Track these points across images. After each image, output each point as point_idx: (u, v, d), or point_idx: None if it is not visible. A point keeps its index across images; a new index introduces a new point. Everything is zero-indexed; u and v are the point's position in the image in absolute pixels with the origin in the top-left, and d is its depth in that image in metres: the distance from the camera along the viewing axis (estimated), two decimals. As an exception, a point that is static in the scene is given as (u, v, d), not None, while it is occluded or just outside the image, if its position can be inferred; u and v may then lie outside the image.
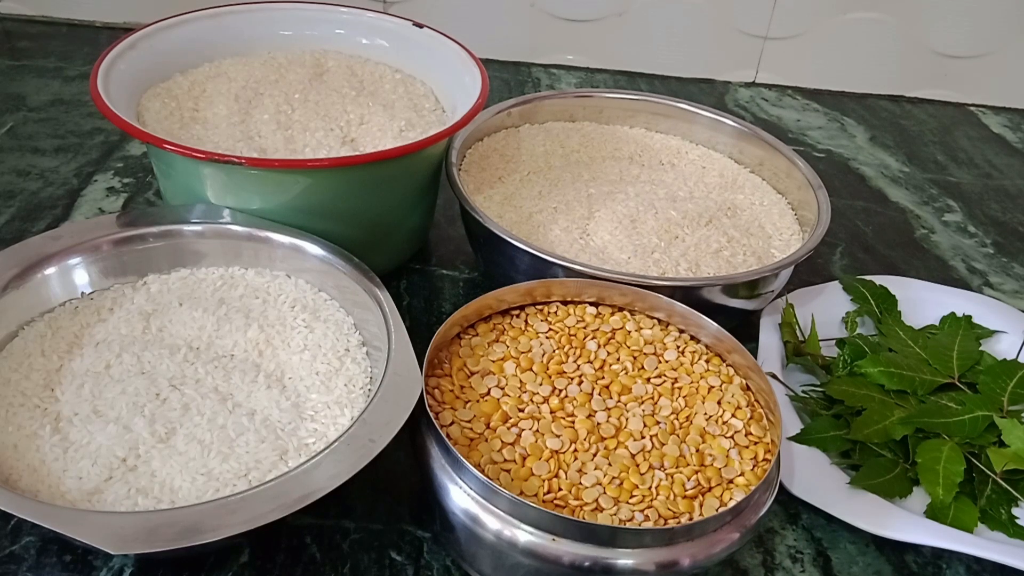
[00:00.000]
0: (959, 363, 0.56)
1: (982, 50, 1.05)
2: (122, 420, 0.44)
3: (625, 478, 0.42)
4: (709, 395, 0.47)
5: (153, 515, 0.38)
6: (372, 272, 0.53)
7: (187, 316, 0.51)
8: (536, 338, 0.49)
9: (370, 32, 0.71)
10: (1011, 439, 0.51)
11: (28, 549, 0.44)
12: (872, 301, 0.63)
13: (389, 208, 0.59)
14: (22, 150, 0.77)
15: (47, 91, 0.87)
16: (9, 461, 0.42)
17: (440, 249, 0.70)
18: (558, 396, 0.46)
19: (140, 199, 0.73)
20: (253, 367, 0.49)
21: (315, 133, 0.59)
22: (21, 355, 0.48)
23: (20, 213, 0.69)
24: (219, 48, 0.67)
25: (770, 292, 0.60)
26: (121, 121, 0.53)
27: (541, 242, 0.60)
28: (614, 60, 1.06)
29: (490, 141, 0.71)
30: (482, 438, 0.43)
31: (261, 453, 0.44)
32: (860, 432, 0.52)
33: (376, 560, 0.46)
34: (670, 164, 0.74)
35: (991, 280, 0.76)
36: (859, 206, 0.85)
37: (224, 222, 0.55)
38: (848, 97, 1.08)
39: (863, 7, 1.02)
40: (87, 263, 0.53)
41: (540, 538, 0.39)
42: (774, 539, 0.50)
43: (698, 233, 0.62)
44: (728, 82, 1.08)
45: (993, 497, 0.50)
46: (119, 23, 1.02)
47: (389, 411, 0.42)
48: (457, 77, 0.65)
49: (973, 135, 1.02)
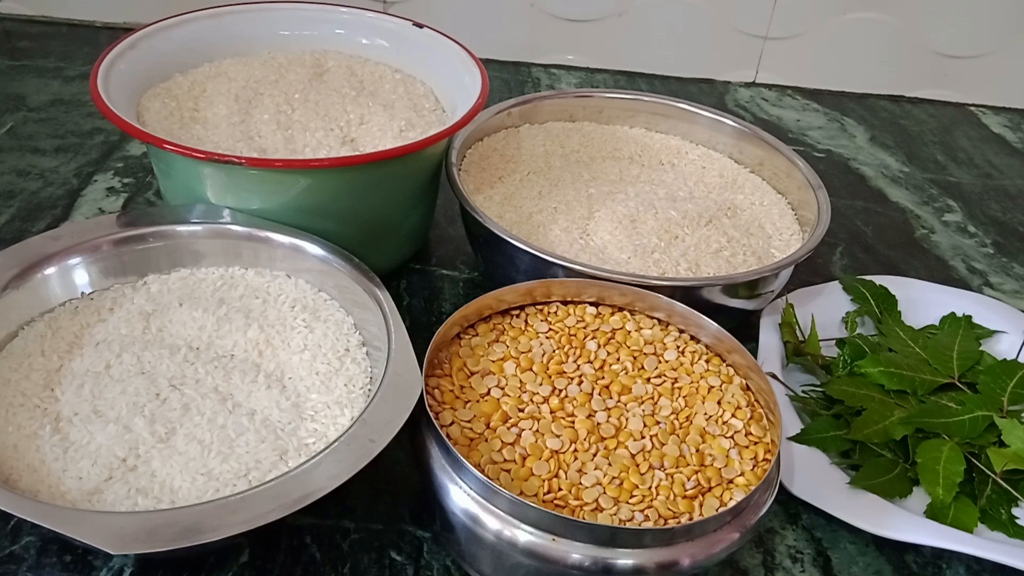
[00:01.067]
0: (959, 363, 0.56)
1: (982, 50, 1.05)
2: (122, 420, 0.44)
3: (625, 478, 0.42)
4: (709, 395, 0.47)
5: (153, 515, 0.38)
6: (372, 272, 0.53)
7: (187, 316, 0.51)
8: (536, 338, 0.49)
9: (370, 32, 0.71)
10: (1011, 439, 0.51)
11: (28, 549, 0.44)
12: (872, 301, 0.63)
13: (389, 208, 0.59)
14: (22, 150, 0.77)
15: (47, 91, 0.87)
16: (9, 461, 0.42)
17: (440, 249, 0.70)
18: (558, 396, 0.46)
19: (140, 199, 0.73)
20: (253, 367, 0.49)
21: (315, 133, 0.59)
22: (21, 355, 0.48)
23: (20, 213, 0.69)
24: (219, 48, 0.67)
25: (770, 292, 0.60)
26: (121, 121, 0.53)
27: (541, 242, 0.60)
28: (614, 60, 1.06)
29: (490, 141, 0.71)
30: (482, 438, 0.43)
31: (261, 453, 0.44)
32: (860, 432, 0.52)
33: (376, 560, 0.46)
34: (670, 164, 0.74)
35: (991, 280, 0.76)
36: (859, 206, 0.85)
37: (224, 222, 0.55)
38: (848, 97, 1.08)
39: (863, 7, 1.02)
40: (87, 263, 0.53)
41: (540, 538, 0.39)
42: (774, 539, 0.50)
43: (698, 233, 0.62)
44: (728, 82, 1.08)
45: (993, 497, 0.50)
46: (119, 23, 1.02)
47: (389, 411, 0.42)
48: (457, 77, 0.65)
49: (973, 135, 1.02)
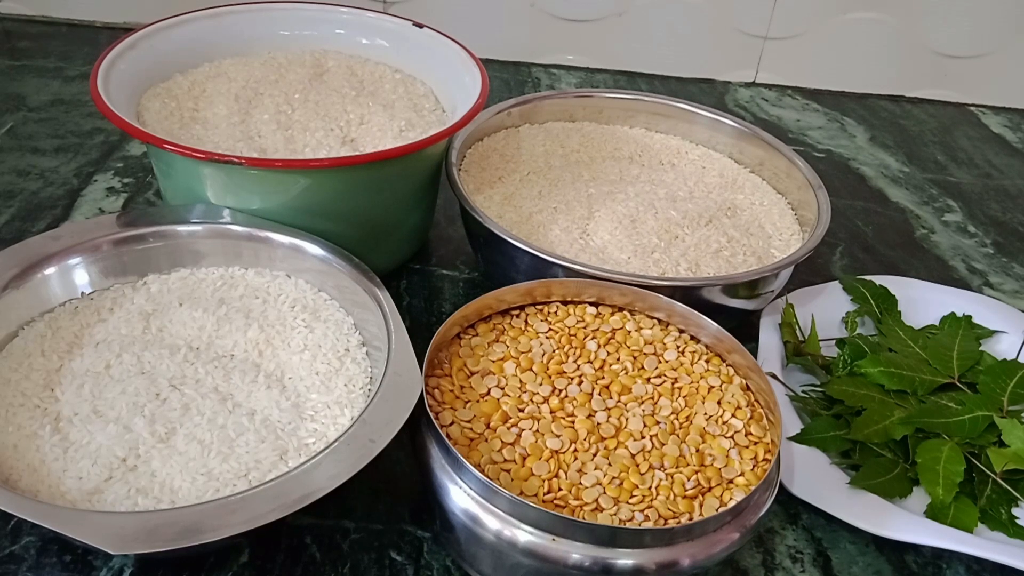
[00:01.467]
0: (959, 363, 0.56)
1: (982, 50, 1.05)
2: (122, 420, 0.44)
3: (625, 478, 0.42)
4: (709, 395, 0.47)
5: (153, 515, 0.38)
6: (372, 272, 0.53)
7: (187, 316, 0.51)
8: (536, 338, 0.49)
9: (370, 32, 0.71)
10: (1011, 439, 0.51)
11: (28, 549, 0.44)
12: (872, 301, 0.63)
13: (389, 208, 0.59)
14: (22, 150, 0.77)
15: (47, 91, 0.87)
16: (9, 461, 0.42)
17: (440, 249, 0.70)
18: (558, 396, 0.46)
19: (140, 199, 0.73)
20: (253, 367, 0.49)
21: (315, 133, 0.59)
22: (21, 355, 0.48)
23: (20, 213, 0.69)
24: (219, 48, 0.67)
25: (770, 292, 0.60)
26: (121, 121, 0.53)
27: (541, 242, 0.60)
28: (614, 60, 1.06)
29: (490, 141, 0.71)
30: (482, 438, 0.43)
31: (261, 453, 0.44)
32: (860, 432, 0.52)
33: (376, 560, 0.46)
34: (670, 164, 0.74)
35: (991, 280, 0.76)
36: (859, 206, 0.85)
37: (224, 222, 0.55)
38: (848, 97, 1.08)
39: (863, 7, 1.02)
40: (87, 263, 0.53)
41: (540, 538, 0.39)
42: (774, 539, 0.50)
43: (698, 233, 0.62)
44: (728, 82, 1.08)
45: (993, 497, 0.50)
46: (119, 23, 1.02)
47: (389, 411, 0.42)
48: (457, 77, 0.65)
49: (973, 135, 1.02)
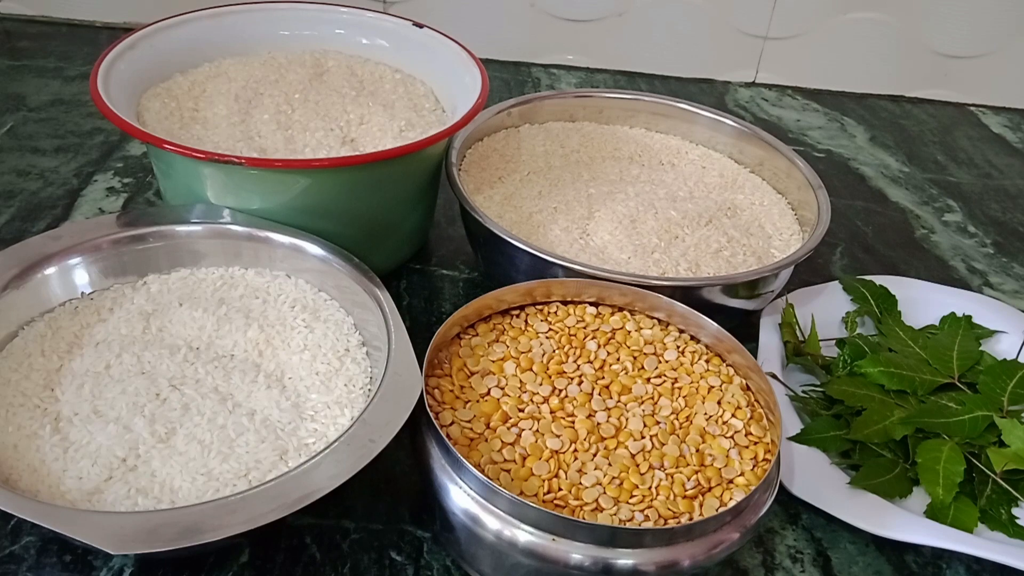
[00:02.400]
0: (959, 363, 0.56)
1: (982, 50, 1.05)
2: (122, 420, 0.44)
3: (625, 478, 0.42)
4: (709, 395, 0.47)
5: (153, 515, 0.38)
6: (372, 272, 0.53)
7: (187, 316, 0.51)
8: (536, 338, 0.49)
9: (370, 32, 0.71)
10: (1011, 439, 0.51)
11: (28, 549, 0.44)
12: (872, 301, 0.63)
13: (389, 208, 0.59)
14: (22, 150, 0.77)
15: (47, 91, 0.87)
16: (9, 461, 0.42)
17: (440, 249, 0.70)
18: (558, 396, 0.46)
19: (140, 199, 0.73)
20: (253, 367, 0.49)
21: (315, 133, 0.59)
22: (21, 355, 0.48)
23: (20, 213, 0.69)
24: (219, 48, 0.67)
25: (770, 292, 0.60)
26: (121, 121, 0.53)
27: (541, 242, 0.60)
28: (614, 60, 1.06)
29: (490, 141, 0.71)
30: (482, 438, 0.43)
31: (261, 453, 0.44)
32: (860, 432, 0.52)
33: (376, 560, 0.46)
34: (670, 164, 0.74)
35: (991, 280, 0.76)
36: (859, 206, 0.85)
37: (224, 222, 0.55)
38: (848, 97, 1.08)
39: (863, 7, 1.02)
40: (87, 263, 0.53)
41: (540, 538, 0.39)
42: (774, 539, 0.50)
43: (698, 233, 0.62)
44: (728, 82, 1.08)
45: (993, 497, 0.50)
46: (119, 23, 1.02)
47: (389, 411, 0.42)
48: (457, 77, 0.65)
49: (973, 135, 1.02)
